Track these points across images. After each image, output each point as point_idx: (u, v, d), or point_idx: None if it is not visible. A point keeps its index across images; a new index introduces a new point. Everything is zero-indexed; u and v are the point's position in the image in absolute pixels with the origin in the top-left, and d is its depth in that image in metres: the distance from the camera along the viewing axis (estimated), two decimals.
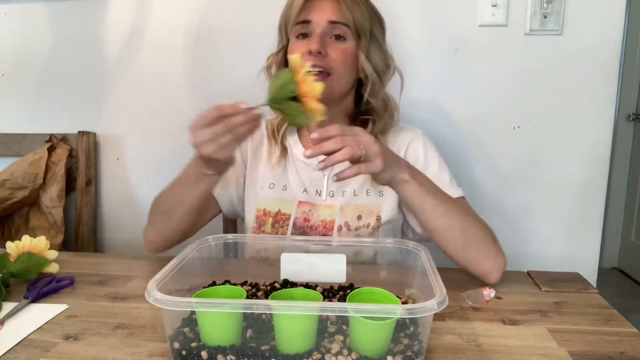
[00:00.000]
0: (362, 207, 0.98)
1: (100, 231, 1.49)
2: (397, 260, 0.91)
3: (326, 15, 0.90)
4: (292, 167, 1.03)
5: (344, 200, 0.99)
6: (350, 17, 0.90)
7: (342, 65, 0.91)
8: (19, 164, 1.38)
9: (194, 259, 0.75)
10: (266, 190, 1.02)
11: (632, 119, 2.89)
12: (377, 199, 0.99)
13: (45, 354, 0.64)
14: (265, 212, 1.01)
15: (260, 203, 1.02)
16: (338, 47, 0.91)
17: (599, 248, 1.34)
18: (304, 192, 1.01)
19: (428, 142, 1.01)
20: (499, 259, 0.85)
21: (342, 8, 0.89)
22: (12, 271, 0.85)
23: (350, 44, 0.92)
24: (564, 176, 1.31)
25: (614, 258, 3.12)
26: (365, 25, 0.91)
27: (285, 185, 1.02)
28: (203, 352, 0.59)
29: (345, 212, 0.98)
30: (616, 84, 1.26)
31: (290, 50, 0.94)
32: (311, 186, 1.01)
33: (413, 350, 0.59)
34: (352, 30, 0.91)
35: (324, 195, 1.00)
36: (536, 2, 1.23)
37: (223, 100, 0.69)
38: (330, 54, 0.90)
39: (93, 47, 1.41)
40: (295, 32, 0.93)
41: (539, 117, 1.28)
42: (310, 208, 1.00)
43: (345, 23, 0.90)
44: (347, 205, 0.99)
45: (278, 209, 1.00)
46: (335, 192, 1.00)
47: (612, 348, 0.66)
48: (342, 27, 0.90)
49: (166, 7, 1.36)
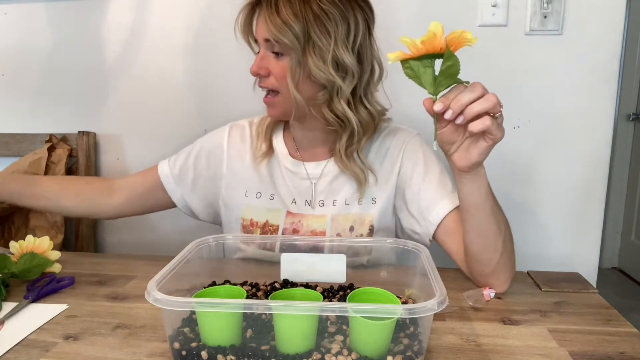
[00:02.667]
0: (354, 217, 0.94)
1: (100, 231, 1.49)
2: (397, 260, 0.91)
3: (261, 32, 0.86)
4: (280, 176, 0.99)
5: (335, 210, 0.95)
6: (273, 34, 0.82)
7: (284, 82, 0.85)
8: (19, 164, 1.38)
9: (194, 259, 0.75)
10: (252, 200, 0.98)
11: (632, 119, 2.89)
12: (369, 207, 0.95)
13: (45, 354, 0.64)
14: (252, 223, 0.98)
15: (245, 212, 0.99)
16: (277, 65, 0.86)
17: (599, 248, 1.34)
18: (293, 203, 0.97)
19: (425, 145, 0.97)
20: (514, 270, 0.85)
21: (268, 23, 0.83)
22: (13, 271, 0.85)
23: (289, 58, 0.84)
24: (564, 176, 1.31)
25: (614, 258, 3.12)
26: (292, 39, 0.81)
27: (272, 195, 0.98)
28: (203, 352, 0.59)
29: (337, 222, 0.95)
30: (616, 84, 1.26)
31: None
32: (300, 196, 0.97)
33: (413, 350, 0.59)
34: (282, 46, 0.83)
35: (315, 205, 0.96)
36: (536, 2, 1.23)
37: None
38: (272, 73, 0.87)
39: (93, 47, 1.41)
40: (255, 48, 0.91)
41: (539, 117, 1.28)
42: (300, 219, 0.96)
43: (275, 40, 0.83)
44: (338, 216, 0.95)
45: (266, 220, 0.97)
46: (326, 201, 0.96)
47: (612, 348, 0.66)
48: (274, 44, 0.84)
49: (166, 7, 1.36)
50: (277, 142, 1.01)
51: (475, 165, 0.72)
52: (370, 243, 0.90)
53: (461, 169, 0.74)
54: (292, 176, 0.98)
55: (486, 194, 0.76)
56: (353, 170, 0.93)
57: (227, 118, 1.07)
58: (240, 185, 1.00)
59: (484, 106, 0.65)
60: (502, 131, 0.68)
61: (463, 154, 0.72)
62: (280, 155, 1.00)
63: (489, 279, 0.83)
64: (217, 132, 1.06)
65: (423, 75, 0.65)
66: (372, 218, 0.95)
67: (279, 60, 0.86)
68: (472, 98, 0.65)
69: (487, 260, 0.81)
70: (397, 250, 0.80)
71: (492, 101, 0.65)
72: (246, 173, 1.00)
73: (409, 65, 0.65)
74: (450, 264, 0.94)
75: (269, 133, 1.01)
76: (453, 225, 0.88)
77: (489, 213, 0.78)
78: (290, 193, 0.98)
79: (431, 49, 0.62)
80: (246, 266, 0.92)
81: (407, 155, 0.95)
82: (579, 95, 1.26)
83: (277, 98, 0.88)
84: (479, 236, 0.80)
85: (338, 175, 0.96)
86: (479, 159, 0.71)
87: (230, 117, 1.21)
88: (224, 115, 1.35)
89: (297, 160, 0.99)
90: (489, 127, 0.66)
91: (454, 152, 0.73)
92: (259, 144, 1.00)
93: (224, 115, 1.36)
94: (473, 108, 0.65)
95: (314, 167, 0.97)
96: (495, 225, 0.78)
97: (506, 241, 0.80)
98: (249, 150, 1.02)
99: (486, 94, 0.66)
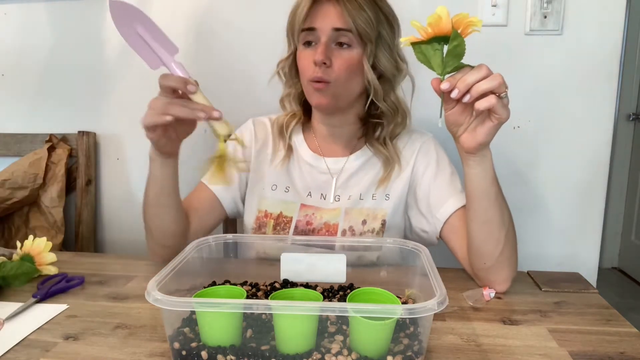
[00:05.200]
0: (368, 211, 0.97)
1: (100, 231, 1.49)
2: (397, 260, 0.91)
3: (330, 22, 0.87)
4: (297, 168, 1.02)
5: (349, 204, 0.98)
6: (354, 24, 0.87)
7: (344, 74, 0.89)
8: (19, 164, 1.38)
9: (194, 259, 0.75)
10: (268, 192, 1.01)
11: (632, 119, 2.89)
12: (383, 202, 0.97)
13: (45, 354, 0.64)
14: (267, 214, 1.00)
15: (261, 204, 1.01)
16: (343, 56, 0.88)
17: (599, 248, 1.34)
18: (308, 196, 1.00)
19: (439, 147, 1.00)
20: (515, 269, 0.85)
21: (345, 14, 0.86)
22: (2, 276, 0.84)
23: (356, 51, 0.89)
24: (564, 176, 1.31)
25: (614, 258, 3.12)
26: (370, 31, 0.88)
27: (287, 187, 1.01)
28: (203, 352, 0.59)
29: (350, 215, 0.97)
30: (616, 84, 1.26)
31: (299, 58, 0.93)
32: (316, 189, 1.00)
33: (413, 350, 0.59)
34: (356, 36, 0.88)
35: (331, 198, 0.99)
36: (536, 2, 1.23)
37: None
38: (334, 64, 0.88)
39: (93, 47, 1.41)
40: (301, 39, 0.91)
41: (539, 117, 1.28)
42: (314, 211, 0.98)
43: (349, 29, 0.87)
44: (352, 209, 0.97)
45: (280, 211, 0.99)
46: (342, 196, 0.99)
47: (612, 348, 0.66)
48: (346, 34, 0.88)
49: (166, 7, 1.36)
50: (297, 139, 1.03)
51: (482, 146, 0.74)
52: (370, 243, 0.90)
53: (468, 150, 0.75)
54: (310, 169, 1.01)
55: (492, 180, 0.78)
56: (389, 154, 0.97)
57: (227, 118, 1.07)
58: (260, 178, 1.03)
59: (489, 85, 0.67)
60: (508, 111, 0.70)
61: (470, 135, 0.74)
62: (300, 150, 1.02)
63: (490, 274, 0.83)
64: (244, 128, 1.07)
65: (432, 57, 0.68)
66: (385, 213, 0.97)
67: (345, 52, 0.89)
68: (478, 77, 0.67)
69: (489, 253, 0.81)
70: (397, 250, 0.80)
71: (498, 80, 0.67)
72: (265, 166, 1.03)
73: (420, 49, 0.69)
74: (450, 264, 0.94)
75: (289, 133, 1.02)
76: (459, 223, 0.90)
77: (493, 200, 0.79)
78: (306, 186, 1.00)
79: (438, 31, 0.66)
80: (246, 266, 0.92)
81: (421, 156, 0.99)
82: (579, 95, 1.27)
83: (325, 88, 0.89)
84: (483, 224, 0.80)
85: (357, 171, 1.00)
86: (485, 139, 0.73)
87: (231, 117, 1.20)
88: (224, 115, 1.36)
89: (318, 155, 1.01)
90: (494, 105, 0.67)
91: (461, 133, 0.75)
92: (279, 144, 1.03)
93: (224, 115, 1.36)
94: (479, 87, 0.67)
95: (334, 163, 1.01)
96: (499, 215, 0.80)
97: (509, 235, 0.81)
98: (270, 145, 1.04)
99: (492, 74, 0.68)
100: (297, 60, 0.94)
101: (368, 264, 0.86)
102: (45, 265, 0.90)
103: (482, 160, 0.77)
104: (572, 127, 1.28)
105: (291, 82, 0.99)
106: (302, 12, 0.89)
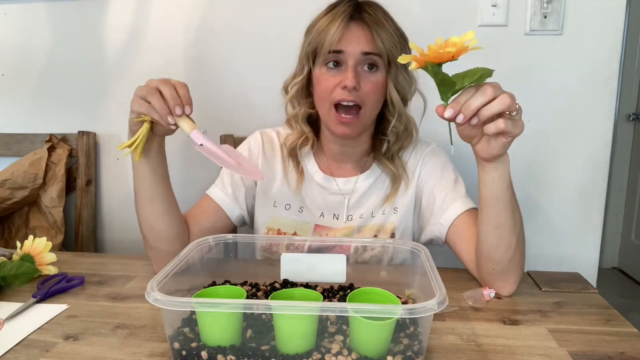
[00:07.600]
0: (378, 226, 0.98)
1: (100, 231, 1.49)
2: (397, 260, 0.91)
3: (360, 46, 0.86)
4: (309, 189, 1.01)
5: (361, 222, 0.99)
6: (383, 48, 0.87)
7: (374, 97, 0.89)
8: (19, 164, 1.38)
9: (194, 259, 0.75)
10: (281, 211, 1.00)
11: (632, 119, 2.89)
12: (391, 215, 0.98)
13: (45, 354, 0.64)
14: (280, 233, 1.00)
15: (273, 222, 1.00)
16: (371, 80, 0.88)
17: (599, 248, 1.34)
18: (321, 216, 1.00)
19: (443, 154, 1.01)
20: (522, 274, 0.84)
21: (375, 38, 0.86)
22: (2, 276, 0.84)
23: (382, 73, 0.89)
24: (564, 176, 1.31)
25: (614, 258, 3.12)
26: (396, 53, 0.87)
27: (301, 207, 1.00)
28: (203, 352, 0.59)
29: (363, 233, 0.98)
30: (616, 84, 1.26)
31: (319, 80, 0.90)
32: (328, 209, 1.00)
33: (413, 350, 0.59)
34: (384, 59, 0.88)
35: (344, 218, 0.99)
36: (536, 2, 1.23)
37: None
38: (363, 87, 0.87)
39: (93, 47, 1.41)
40: (325, 60, 0.89)
41: (538, 117, 1.28)
42: (327, 232, 0.99)
43: (378, 54, 0.87)
44: (363, 227, 0.98)
45: (294, 232, 0.99)
46: (354, 215, 0.99)
47: (612, 348, 0.66)
48: (374, 57, 0.87)
49: (166, 7, 1.36)
50: (308, 161, 1.02)
51: (497, 156, 0.73)
52: (370, 243, 0.90)
53: (484, 159, 0.74)
54: (322, 191, 1.01)
55: (507, 185, 0.76)
56: (397, 171, 0.98)
57: (227, 118, 1.07)
58: (270, 195, 1.01)
59: (497, 109, 0.65)
60: (520, 127, 0.69)
61: (485, 146, 0.72)
62: (311, 171, 1.02)
63: (498, 279, 0.82)
64: (251, 141, 1.06)
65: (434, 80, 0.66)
66: (394, 226, 0.98)
67: (372, 75, 0.89)
68: (483, 101, 0.65)
69: (499, 258, 0.80)
70: (397, 250, 0.80)
71: (506, 102, 0.65)
72: (276, 184, 1.01)
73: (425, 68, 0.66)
74: (450, 264, 0.94)
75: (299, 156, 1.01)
76: (463, 226, 0.90)
77: (507, 205, 0.77)
78: (318, 207, 1.00)
79: (429, 59, 0.63)
80: (246, 266, 0.92)
81: (425, 165, 0.99)
82: (579, 95, 1.27)
83: (360, 114, 0.89)
84: (495, 229, 0.79)
85: (368, 189, 1.00)
86: (500, 152, 0.72)
87: (231, 117, 1.22)
88: (224, 115, 1.36)
89: (328, 176, 1.01)
90: (503, 129, 0.67)
91: (476, 142, 0.74)
92: (289, 165, 1.01)
93: (224, 115, 1.36)
94: (486, 111, 0.65)
95: (345, 183, 1.00)
96: (512, 220, 0.78)
97: (519, 240, 0.80)
98: (279, 162, 1.02)
99: (499, 96, 0.65)
100: (315, 82, 0.92)
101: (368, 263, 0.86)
102: (45, 265, 0.90)
103: (498, 165, 0.75)
104: (572, 127, 1.28)
105: (302, 102, 0.97)
106: (334, 36, 0.86)
